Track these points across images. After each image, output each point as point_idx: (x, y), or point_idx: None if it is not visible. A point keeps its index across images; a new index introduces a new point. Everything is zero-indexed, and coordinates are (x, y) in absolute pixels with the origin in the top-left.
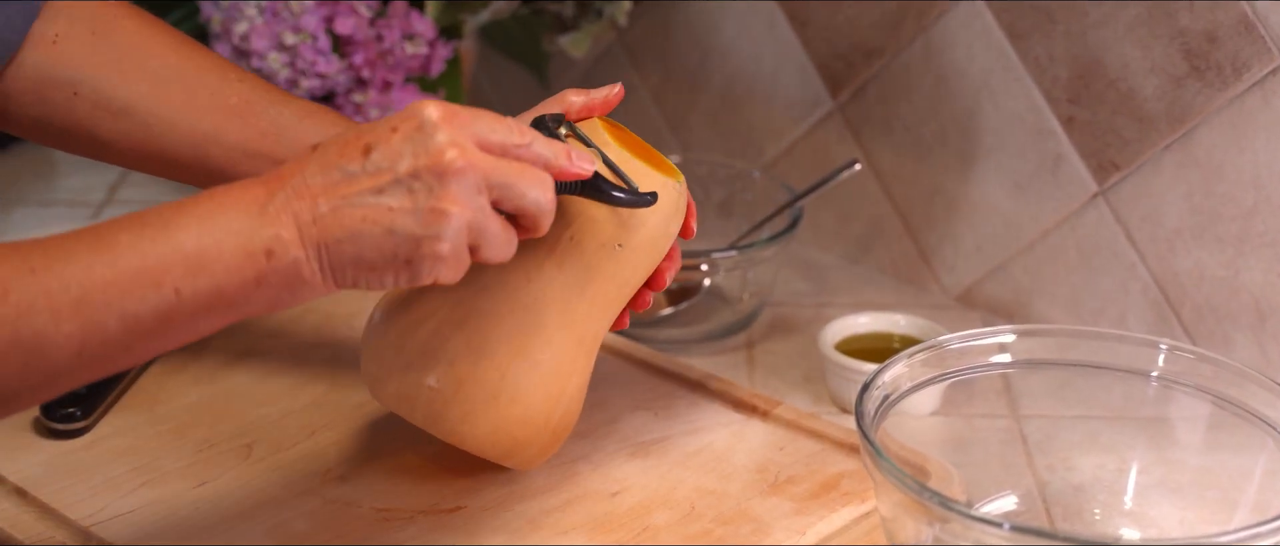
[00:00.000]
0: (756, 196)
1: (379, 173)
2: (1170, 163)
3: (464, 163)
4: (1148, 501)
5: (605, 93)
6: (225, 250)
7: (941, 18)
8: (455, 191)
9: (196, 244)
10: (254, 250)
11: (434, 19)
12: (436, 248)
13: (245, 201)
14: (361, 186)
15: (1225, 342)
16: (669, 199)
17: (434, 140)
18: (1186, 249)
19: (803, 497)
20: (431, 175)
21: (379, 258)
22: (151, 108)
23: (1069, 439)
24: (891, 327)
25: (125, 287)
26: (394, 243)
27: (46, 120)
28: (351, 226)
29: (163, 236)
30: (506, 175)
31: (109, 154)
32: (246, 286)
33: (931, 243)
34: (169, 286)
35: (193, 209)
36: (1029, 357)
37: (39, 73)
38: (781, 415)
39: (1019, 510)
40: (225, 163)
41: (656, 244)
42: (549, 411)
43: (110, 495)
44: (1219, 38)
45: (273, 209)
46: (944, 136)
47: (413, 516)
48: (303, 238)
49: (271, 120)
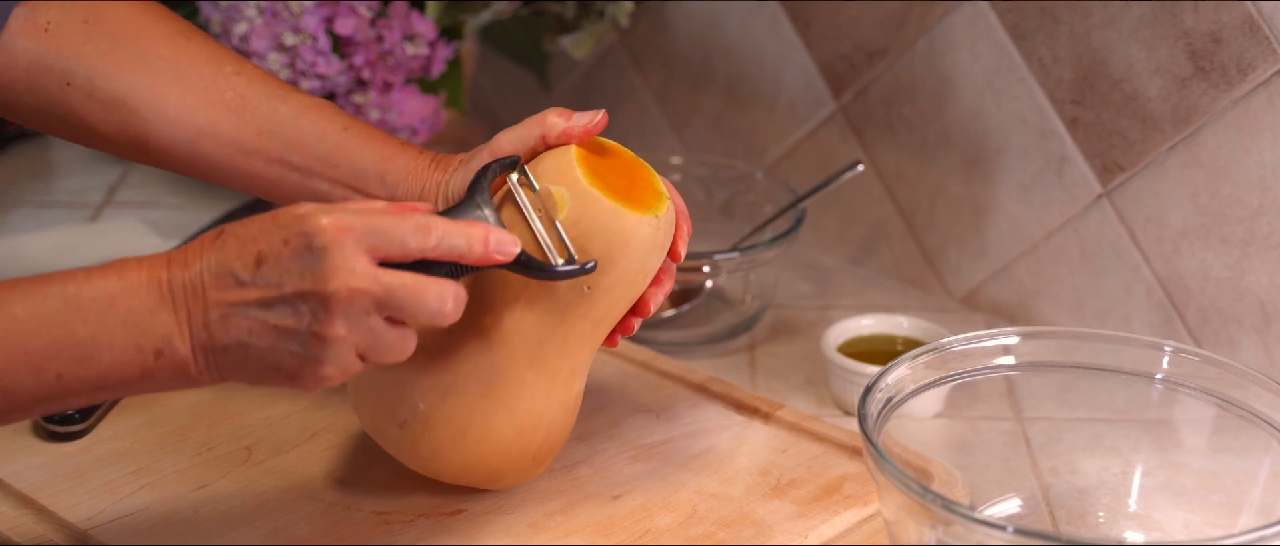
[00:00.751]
0: (759, 198)
1: (267, 287)
2: (1175, 164)
3: (348, 292)
4: (1152, 504)
5: (587, 120)
6: (116, 342)
7: (945, 18)
8: (339, 319)
9: (89, 332)
10: (144, 347)
11: (435, 19)
12: (321, 370)
13: (147, 287)
14: (249, 297)
15: (1230, 345)
16: (642, 236)
17: (322, 264)
18: (1191, 250)
19: (805, 500)
20: (315, 300)
21: (262, 368)
22: (145, 100)
23: (1073, 441)
24: (895, 330)
25: (6, 366)
26: (277, 358)
27: (42, 108)
28: (237, 336)
29: (58, 318)
30: (397, 296)
31: (104, 145)
32: (130, 378)
33: (935, 244)
34: (51, 372)
35: (97, 285)
36: (1033, 360)
37: (32, 61)
38: (784, 417)
39: (1023, 513)
40: (221, 158)
41: (633, 280)
42: (524, 444)
43: (109, 498)
44: (1224, 38)
45: (170, 300)
46: (947, 138)
47: (413, 519)
48: (192, 339)
49: (267, 117)
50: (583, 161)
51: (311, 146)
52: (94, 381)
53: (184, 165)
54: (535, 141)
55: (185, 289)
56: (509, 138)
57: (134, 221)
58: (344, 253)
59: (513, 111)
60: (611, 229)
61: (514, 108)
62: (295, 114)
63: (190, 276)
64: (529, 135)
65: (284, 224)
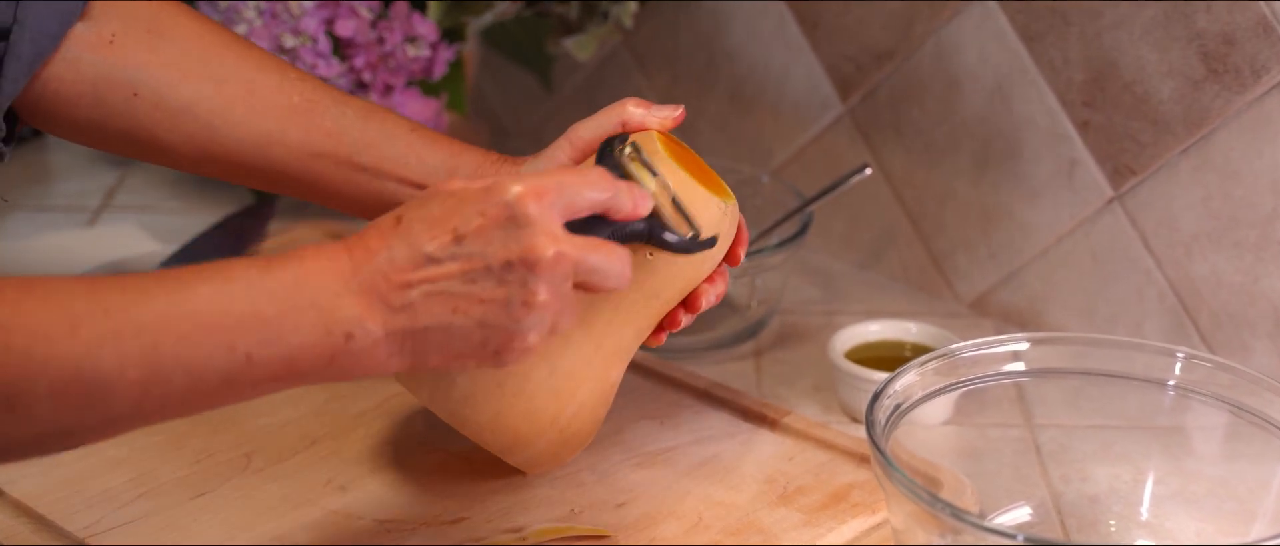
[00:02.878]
0: (765, 201)
1: (470, 260)
2: (1187, 167)
3: (555, 255)
4: (1164, 512)
5: (667, 112)
6: (304, 324)
7: (953, 19)
8: (546, 284)
9: (276, 311)
10: (333, 330)
11: (436, 21)
12: (526, 340)
13: (330, 273)
14: (450, 272)
15: (1243, 350)
16: (711, 216)
17: (526, 231)
18: (1204, 255)
19: (812, 508)
20: (524, 267)
21: (467, 347)
22: (214, 107)
23: (1084, 449)
24: (903, 336)
25: (197, 343)
26: (484, 334)
27: (104, 123)
28: (441, 316)
29: (244, 297)
30: (593, 262)
31: (169, 156)
32: (318, 362)
33: (943, 249)
34: (241, 351)
35: (279, 272)
36: (1043, 366)
37: (97, 74)
38: (790, 424)
39: (1033, 521)
40: (289, 163)
41: (695, 263)
42: (556, 412)
43: (107, 506)
44: (1237, 40)
45: (357, 286)
46: (956, 141)
47: (415, 528)
48: (387, 324)
49: (335, 120)
50: (664, 144)
51: (381, 147)
52: (283, 365)
53: (251, 172)
54: (614, 129)
55: (373, 277)
56: (588, 128)
57: (132, 226)
58: (546, 219)
59: (515, 114)
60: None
61: (516, 110)
62: (361, 117)
63: (377, 264)
64: (608, 123)
65: (473, 198)
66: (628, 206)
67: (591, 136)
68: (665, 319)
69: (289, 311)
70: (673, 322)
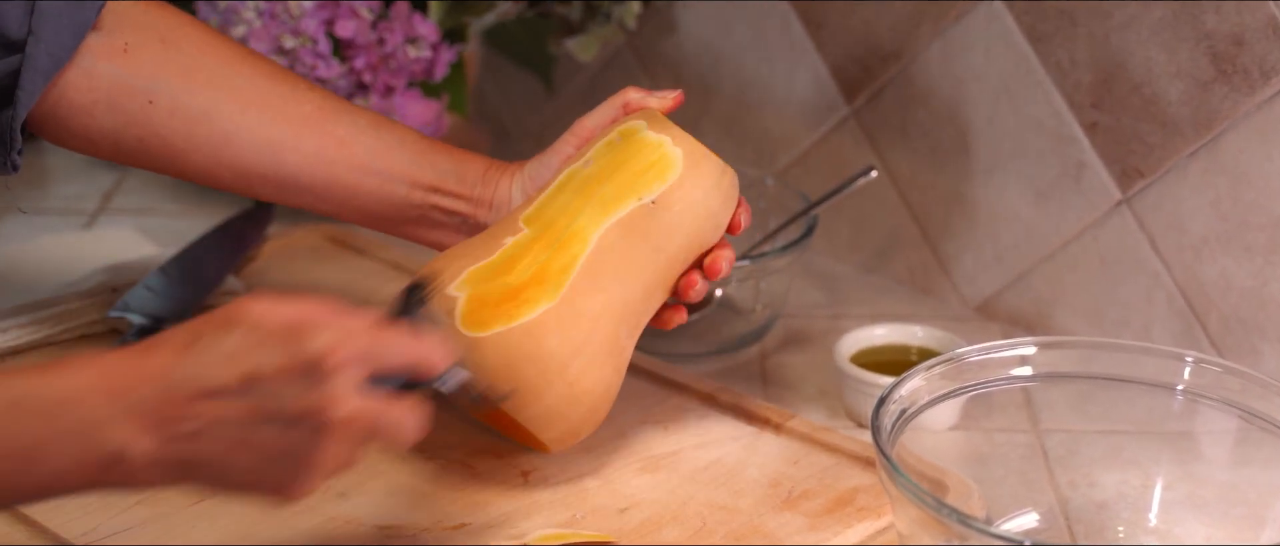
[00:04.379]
0: (769, 204)
1: (258, 406)
2: (1196, 169)
3: (348, 416)
4: (1173, 518)
5: (668, 93)
6: (62, 451)
7: (960, 20)
8: (333, 442)
9: (33, 440)
10: (88, 460)
11: (437, 21)
12: (304, 487)
13: (102, 393)
14: (236, 413)
15: (1253, 355)
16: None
17: (324, 387)
18: (1213, 258)
19: (817, 513)
20: (314, 422)
21: (239, 486)
22: (229, 114)
23: (1091, 454)
24: (909, 339)
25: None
26: (260, 476)
27: (119, 131)
28: (217, 453)
29: (3, 422)
30: (385, 421)
31: (182, 164)
32: (81, 483)
33: (950, 252)
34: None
35: (43, 389)
36: (1050, 370)
37: (113, 82)
38: (795, 428)
39: (1040, 527)
40: (302, 169)
41: (694, 213)
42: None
43: (104, 513)
44: (1246, 41)
45: (129, 406)
46: (963, 142)
47: (416, 534)
48: (160, 449)
49: (346, 128)
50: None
51: (392, 153)
52: (34, 489)
53: (265, 180)
54: (616, 114)
55: (153, 400)
56: (591, 120)
57: (130, 229)
58: (348, 376)
59: (517, 116)
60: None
61: (518, 112)
62: (371, 125)
63: (160, 387)
64: (610, 112)
65: (277, 340)
66: (438, 364)
67: (593, 126)
68: (681, 284)
69: (48, 437)
70: (689, 284)
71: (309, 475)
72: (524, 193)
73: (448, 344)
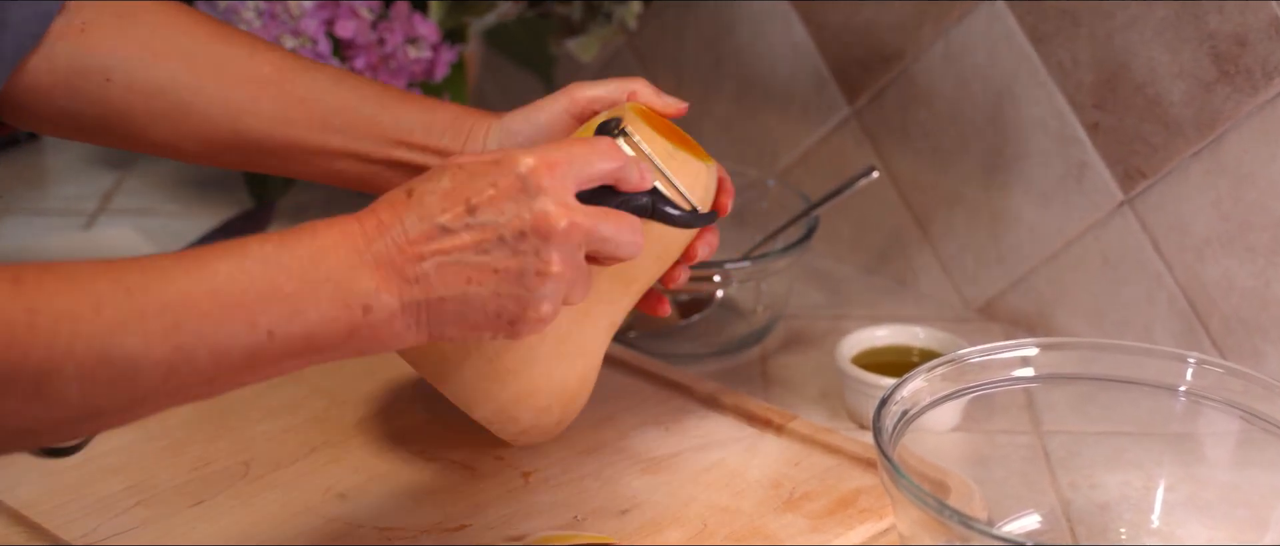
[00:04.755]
0: (771, 205)
1: (484, 230)
2: (1198, 170)
3: (568, 224)
4: (1175, 520)
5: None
6: (322, 298)
7: (962, 20)
8: (560, 253)
9: (295, 287)
10: (351, 303)
11: (438, 22)
12: (540, 309)
13: (345, 247)
14: (464, 243)
15: (1255, 356)
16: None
17: (539, 201)
18: (1215, 259)
19: (818, 514)
20: (537, 237)
21: (482, 318)
22: (185, 84)
23: (1094, 455)
24: (910, 341)
25: (220, 321)
26: (499, 304)
27: (80, 111)
28: (456, 287)
29: (262, 274)
30: (605, 231)
31: (145, 140)
32: (337, 336)
33: (952, 253)
34: (263, 327)
35: (294, 247)
36: (1052, 371)
37: (70, 63)
38: (796, 429)
39: (1042, 529)
40: (262, 133)
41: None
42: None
43: (104, 515)
44: (1249, 41)
45: (372, 259)
46: (964, 143)
47: (416, 536)
48: (402, 295)
49: (306, 87)
50: (642, 116)
51: (354, 107)
52: (304, 340)
53: (227, 148)
54: (618, 96)
55: (388, 249)
56: (589, 90)
57: (129, 229)
58: (559, 189)
59: None
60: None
61: None
62: (332, 81)
63: (390, 236)
64: (614, 93)
65: (484, 171)
66: (635, 177)
67: (591, 98)
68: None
69: (307, 286)
70: (672, 278)
71: (543, 296)
72: (500, 146)
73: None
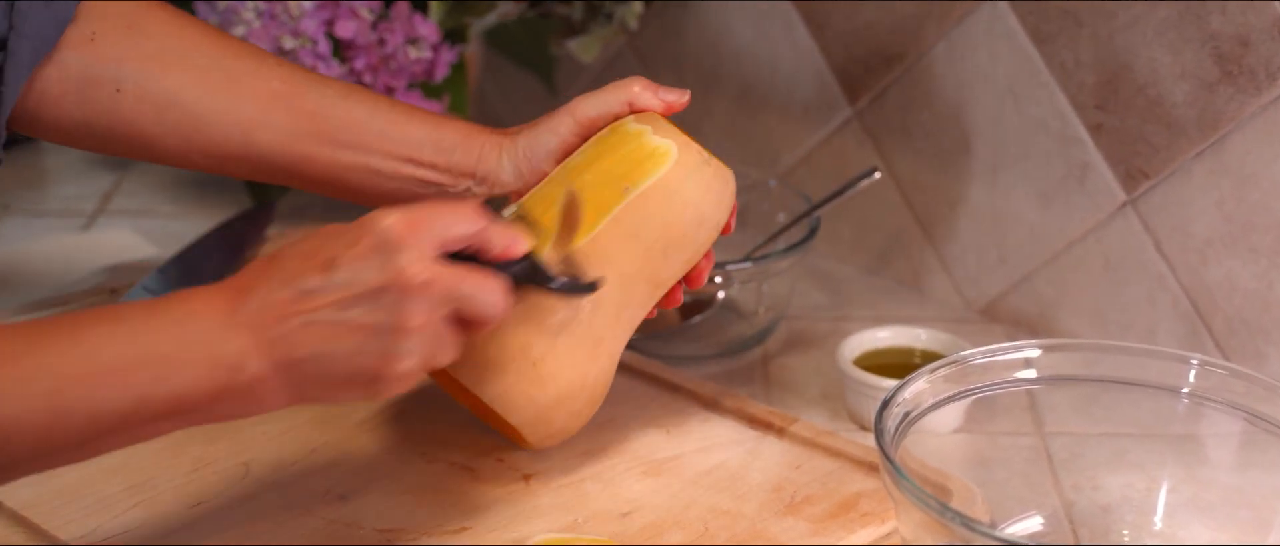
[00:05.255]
0: (772, 206)
1: (344, 288)
2: (1201, 171)
3: (425, 280)
4: (1178, 521)
5: (674, 96)
6: (191, 359)
7: (964, 21)
8: (418, 308)
9: (165, 350)
10: (218, 363)
11: (438, 22)
12: (401, 365)
13: (213, 311)
14: (325, 302)
15: (1258, 357)
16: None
17: (397, 257)
18: (1218, 260)
19: (820, 518)
20: (396, 292)
21: (345, 375)
22: (197, 97)
23: (1096, 457)
24: (912, 342)
25: (94, 385)
26: (361, 361)
27: (90, 121)
28: (317, 345)
29: (133, 339)
30: (466, 289)
31: (156, 151)
32: (206, 398)
33: (954, 254)
34: (134, 389)
35: (164, 312)
36: (1055, 373)
37: (81, 73)
38: (798, 432)
39: (1044, 531)
40: (274, 147)
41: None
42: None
43: (103, 515)
44: (1252, 41)
45: (238, 321)
46: (966, 144)
47: (416, 537)
48: (268, 356)
49: (315, 101)
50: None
51: (363, 123)
52: (173, 402)
53: (238, 161)
54: (619, 108)
55: (254, 312)
56: (592, 103)
57: (128, 230)
58: (418, 246)
59: (518, 117)
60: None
61: (520, 113)
62: (341, 96)
63: (256, 299)
64: (614, 101)
65: (346, 232)
66: (500, 243)
67: (594, 114)
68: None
69: (179, 347)
70: (672, 300)
71: (404, 351)
72: (515, 167)
73: (515, 228)
